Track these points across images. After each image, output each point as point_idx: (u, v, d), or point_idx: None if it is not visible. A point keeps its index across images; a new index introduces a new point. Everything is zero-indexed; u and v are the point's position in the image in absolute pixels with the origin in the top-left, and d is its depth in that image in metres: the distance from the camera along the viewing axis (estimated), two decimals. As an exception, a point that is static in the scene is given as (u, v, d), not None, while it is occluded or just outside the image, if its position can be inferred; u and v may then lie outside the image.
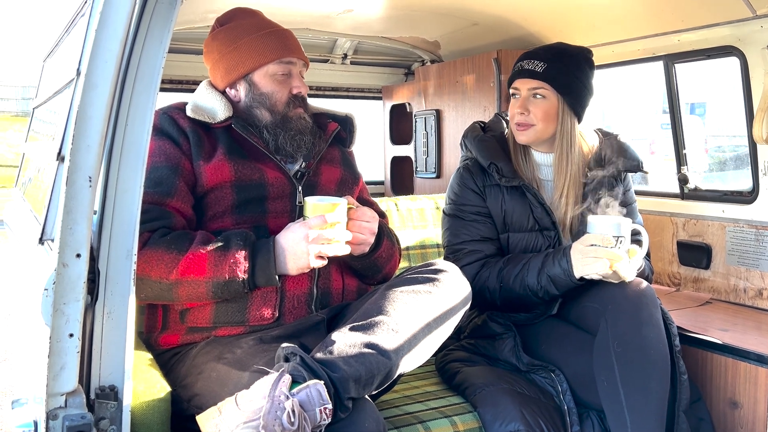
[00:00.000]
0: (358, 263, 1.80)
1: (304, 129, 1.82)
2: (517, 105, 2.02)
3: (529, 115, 1.99)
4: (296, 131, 1.81)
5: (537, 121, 1.99)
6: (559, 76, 1.97)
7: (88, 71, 1.14)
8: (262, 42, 1.80)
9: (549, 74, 1.97)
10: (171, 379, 1.58)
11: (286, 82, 1.82)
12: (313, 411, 1.29)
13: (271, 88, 1.81)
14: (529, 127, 2.00)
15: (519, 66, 2.03)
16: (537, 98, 1.99)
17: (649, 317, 1.72)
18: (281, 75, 1.81)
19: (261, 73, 1.81)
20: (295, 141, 1.80)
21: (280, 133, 1.79)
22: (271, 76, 1.81)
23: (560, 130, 2.01)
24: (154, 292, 1.58)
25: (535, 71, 1.98)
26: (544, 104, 1.99)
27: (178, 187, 1.67)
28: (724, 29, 2.28)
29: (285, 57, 1.80)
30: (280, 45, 1.81)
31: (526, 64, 2.01)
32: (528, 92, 2.00)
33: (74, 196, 1.13)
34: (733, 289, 2.43)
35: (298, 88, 1.83)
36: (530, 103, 1.99)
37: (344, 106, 3.61)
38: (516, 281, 1.89)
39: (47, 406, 1.14)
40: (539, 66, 1.98)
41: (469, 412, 1.77)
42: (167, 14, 1.23)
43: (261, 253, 1.59)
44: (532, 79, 1.98)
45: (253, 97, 1.81)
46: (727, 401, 1.94)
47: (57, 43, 2.52)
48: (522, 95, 2.01)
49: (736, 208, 2.41)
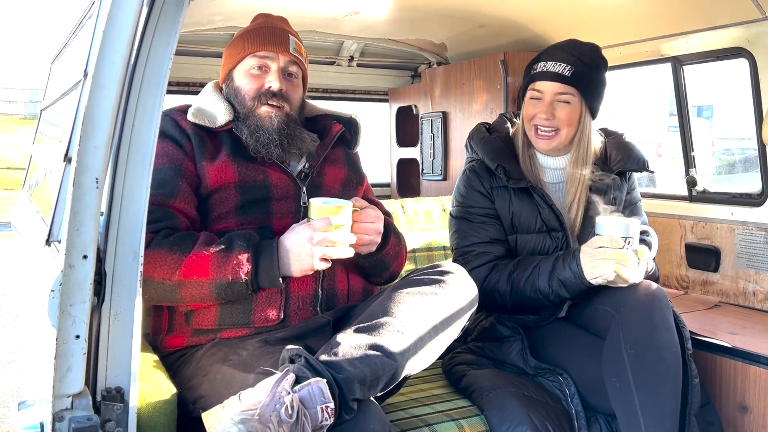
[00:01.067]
0: (366, 261, 1.80)
1: (266, 127, 1.77)
2: (541, 109, 1.96)
3: (554, 119, 1.96)
4: (256, 127, 1.77)
5: (562, 126, 1.96)
6: (586, 80, 1.95)
7: (95, 72, 1.14)
8: (244, 37, 1.84)
9: (577, 79, 1.94)
10: (177, 380, 1.58)
11: (259, 78, 1.81)
12: (314, 408, 1.29)
13: (241, 82, 1.82)
14: (553, 133, 1.96)
15: (542, 67, 1.97)
16: (562, 103, 1.95)
17: (663, 320, 1.71)
18: (255, 69, 1.81)
19: (239, 69, 1.83)
20: (254, 137, 1.76)
21: (243, 128, 1.79)
22: (246, 71, 1.82)
23: (579, 134, 1.99)
24: (157, 294, 1.58)
25: (564, 75, 1.93)
26: (569, 109, 1.96)
27: (180, 188, 1.67)
28: (733, 31, 2.27)
29: (259, 51, 1.80)
30: (256, 40, 1.81)
31: (551, 66, 1.95)
32: (553, 96, 1.95)
33: (81, 197, 1.13)
34: (743, 292, 2.42)
35: (270, 83, 1.80)
36: (555, 108, 1.95)
37: (351, 108, 3.62)
38: (527, 285, 1.88)
39: (53, 407, 1.14)
40: (567, 69, 1.93)
41: (476, 416, 1.76)
42: (174, 16, 1.23)
43: (264, 255, 1.59)
44: (561, 83, 1.94)
45: (228, 92, 1.84)
46: (737, 405, 1.93)
47: (64, 45, 2.52)
48: (546, 99, 1.96)
49: (745, 211, 2.40)
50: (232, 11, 2.58)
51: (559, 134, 1.97)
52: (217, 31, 2.82)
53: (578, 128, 1.99)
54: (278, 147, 1.77)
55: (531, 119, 2.00)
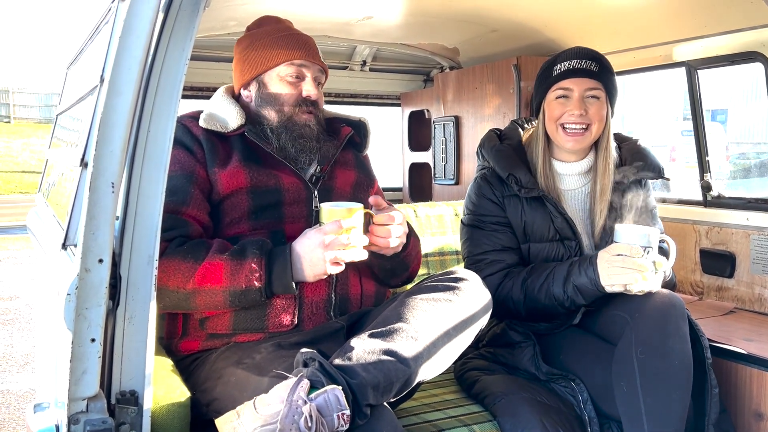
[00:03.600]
0: (389, 263, 1.80)
1: (308, 135, 1.81)
2: (573, 105, 1.93)
3: (587, 115, 1.94)
4: (299, 135, 1.80)
5: (594, 122, 1.95)
6: (610, 76, 1.95)
7: (111, 78, 1.15)
8: (276, 43, 1.82)
9: (603, 74, 1.94)
10: (190, 383, 1.59)
11: (297, 85, 1.83)
12: (330, 416, 1.29)
13: (279, 89, 1.82)
14: (584, 131, 1.94)
15: (566, 66, 1.96)
16: (592, 99, 1.94)
17: (676, 329, 1.69)
18: (292, 77, 1.82)
19: (272, 74, 1.82)
20: (297, 144, 1.79)
21: (283, 134, 1.80)
22: (282, 78, 1.82)
23: (605, 133, 1.99)
24: (172, 302, 1.59)
25: (592, 71, 1.93)
26: (599, 104, 1.95)
27: (193, 195, 1.68)
28: (747, 35, 2.25)
29: (296, 59, 1.81)
30: (293, 47, 1.82)
31: (577, 63, 1.94)
32: (584, 92, 1.94)
33: (97, 201, 1.14)
34: (758, 298, 2.39)
35: (308, 92, 1.83)
36: (586, 104, 1.94)
37: (363, 112, 3.62)
38: (541, 291, 1.87)
39: (69, 410, 1.15)
40: (593, 66, 1.93)
41: (489, 421, 1.75)
42: (189, 22, 1.25)
43: (277, 262, 1.59)
44: (590, 78, 1.93)
45: (261, 97, 1.83)
46: (752, 413, 1.91)
47: (80, 50, 2.55)
48: (576, 96, 1.94)
49: (760, 216, 2.37)
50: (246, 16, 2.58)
51: (590, 130, 1.95)
52: (230, 36, 2.83)
53: (605, 127, 1.98)
54: (318, 153, 1.82)
55: (558, 119, 1.96)
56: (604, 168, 1.99)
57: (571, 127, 1.95)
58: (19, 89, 23.63)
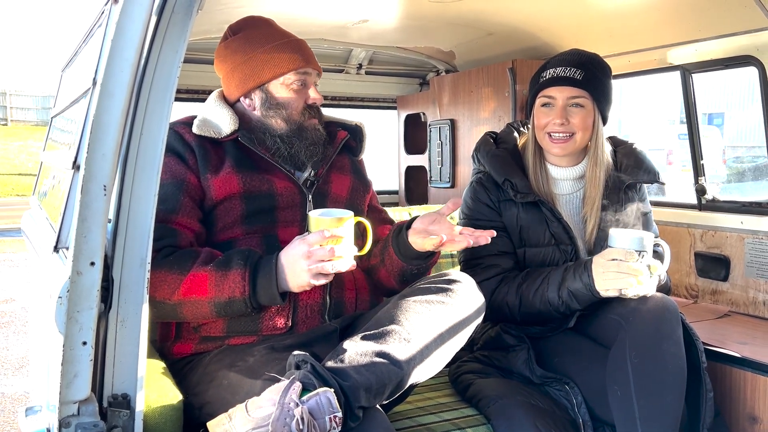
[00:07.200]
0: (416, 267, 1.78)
1: (317, 140, 1.84)
2: (555, 114, 1.95)
3: (569, 124, 1.95)
4: (311, 141, 1.82)
5: (577, 131, 1.95)
6: (597, 83, 1.95)
7: (104, 80, 1.15)
8: (279, 52, 1.80)
9: (589, 82, 1.93)
10: (183, 387, 1.58)
11: (302, 92, 1.83)
12: (322, 419, 1.29)
13: (287, 98, 1.81)
14: (568, 138, 1.95)
15: (552, 73, 1.97)
16: (575, 107, 1.95)
17: (670, 333, 1.69)
18: (298, 85, 1.82)
19: (278, 83, 1.81)
20: (309, 150, 1.81)
21: (296, 142, 1.80)
22: (288, 86, 1.81)
23: (594, 140, 1.98)
24: (160, 312, 1.58)
25: (575, 79, 1.93)
26: (583, 113, 1.95)
27: (182, 203, 1.67)
28: (742, 39, 2.26)
29: (302, 67, 1.81)
30: (297, 55, 1.82)
31: (561, 71, 1.95)
32: (566, 101, 1.94)
33: (89, 204, 1.14)
34: (752, 301, 2.39)
35: (314, 99, 1.84)
36: (569, 113, 1.95)
37: (359, 115, 3.62)
38: (536, 296, 1.87)
39: (60, 413, 1.15)
40: (578, 73, 1.93)
41: (483, 424, 1.75)
42: (183, 24, 1.24)
43: (262, 273, 1.57)
44: (573, 87, 1.93)
45: (269, 107, 1.82)
46: (747, 416, 1.91)
47: (75, 53, 2.54)
48: (559, 104, 1.95)
49: (755, 220, 2.38)
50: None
51: (573, 138, 1.95)
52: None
53: (593, 133, 1.98)
54: (319, 157, 1.84)
55: (543, 128, 1.98)
56: (592, 175, 2.00)
57: (556, 135, 1.96)
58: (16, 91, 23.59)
